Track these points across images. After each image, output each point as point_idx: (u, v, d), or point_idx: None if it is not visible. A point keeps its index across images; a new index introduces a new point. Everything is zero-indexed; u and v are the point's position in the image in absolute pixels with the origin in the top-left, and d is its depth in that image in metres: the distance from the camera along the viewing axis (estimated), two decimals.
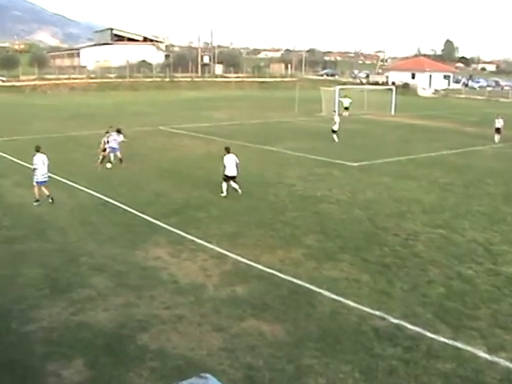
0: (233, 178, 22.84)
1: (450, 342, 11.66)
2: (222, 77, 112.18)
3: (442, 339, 11.76)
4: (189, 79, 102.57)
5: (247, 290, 13.86)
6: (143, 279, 14.46)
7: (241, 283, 14.26)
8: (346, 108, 56.29)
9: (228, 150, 22.95)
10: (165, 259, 15.87)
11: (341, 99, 56.43)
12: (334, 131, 38.74)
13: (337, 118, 39.39)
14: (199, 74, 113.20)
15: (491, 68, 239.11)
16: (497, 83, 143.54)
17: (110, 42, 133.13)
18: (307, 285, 14.28)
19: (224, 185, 22.77)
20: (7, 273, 14.89)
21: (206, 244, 17.16)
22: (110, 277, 14.55)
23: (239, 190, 22.80)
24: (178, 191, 23.59)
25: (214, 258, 16.04)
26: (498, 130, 41.80)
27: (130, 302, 13.12)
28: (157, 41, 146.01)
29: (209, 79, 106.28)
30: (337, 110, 46.45)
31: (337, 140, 38.19)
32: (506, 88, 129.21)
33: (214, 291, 13.79)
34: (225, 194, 22.66)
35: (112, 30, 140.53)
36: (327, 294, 13.78)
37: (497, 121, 42.21)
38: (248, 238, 17.91)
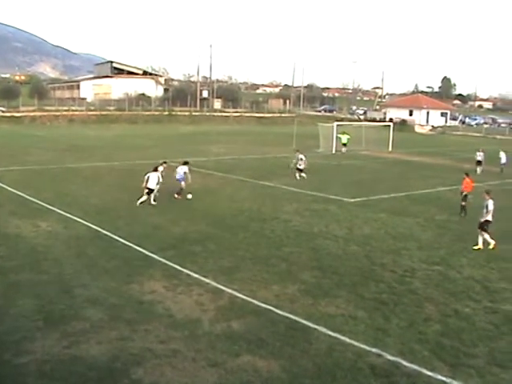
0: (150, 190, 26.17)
1: (448, 379, 11.59)
2: (220, 111, 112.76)
3: (439, 377, 11.68)
4: (187, 113, 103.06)
5: (243, 326, 13.76)
6: (138, 313, 14.35)
7: (236, 318, 14.16)
8: (344, 144, 56.51)
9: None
10: (160, 293, 15.78)
11: (339, 135, 56.74)
12: (299, 169, 37.14)
13: (302, 156, 37.42)
14: (198, 108, 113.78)
15: (488, 105, 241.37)
16: (493, 120, 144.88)
17: (109, 74, 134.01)
18: (303, 321, 14.19)
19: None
20: (1, 303, 14.77)
21: (201, 278, 17.08)
22: (105, 310, 14.44)
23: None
24: (175, 225, 23.55)
25: (209, 293, 15.95)
26: (479, 163, 45.16)
27: (124, 335, 13.00)
28: (156, 75, 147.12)
29: (207, 114, 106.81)
30: (295, 149, 41.65)
31: (299, 178, 37.12)
32: (502, 125, 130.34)
33: (209, 326, 13.68)
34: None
35: (112, 62, 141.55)
36: (323, 330, 13.69)
37: (478, 154, 45.90)
38: (244, 272, 17.83)
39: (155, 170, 27.37)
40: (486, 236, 22.18)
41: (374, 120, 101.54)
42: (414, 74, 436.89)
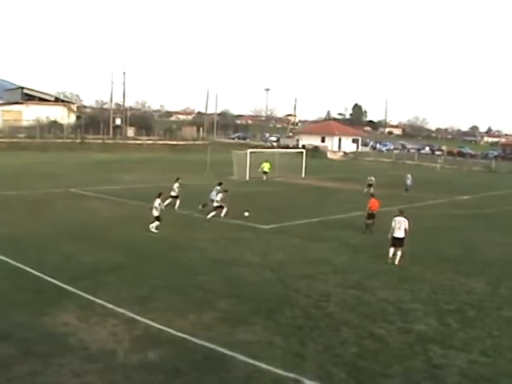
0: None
1: None
2: (133, 139, 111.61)
3: None
4: (100, 141, 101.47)
5: (159, 356, 13.61)
6: (51, 346, 13.97)
7: (152, 348, 13.99)
8: (265, 172, 57.37)
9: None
10: (74, 325, 15.42)
11: (263, 163, 57.57)
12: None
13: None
14: (111, 136, 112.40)
15: (398, 132, 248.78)
16: (403, 146, 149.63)
17: (20, 101, 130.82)
18: (220, 349, 14.16)
19: None
20: None
21: (116, 308, 16.81)
22: (15, 345, 13.95)
23: None
24: (87, 254, 23.09)
25: (124, 323, 15.72)
26: (370, 186, 48.76)
27: (37, 370, 12.61)
28: (68, 101, 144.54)
29: (120, 141, 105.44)
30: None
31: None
32: (411, 151, 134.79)
33: (124, 357, 13.47)
34: None
35: (23, 88, 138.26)
36: (241, 357, 13.69)
37: (369, 178, 50.07)
38: (159, 301, 17.67)
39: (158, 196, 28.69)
40: (399, 252, 23.80)
41: (287, 147, 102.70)
42: (325, 100, 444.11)
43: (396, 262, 23.81)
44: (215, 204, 32.64)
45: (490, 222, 37.43)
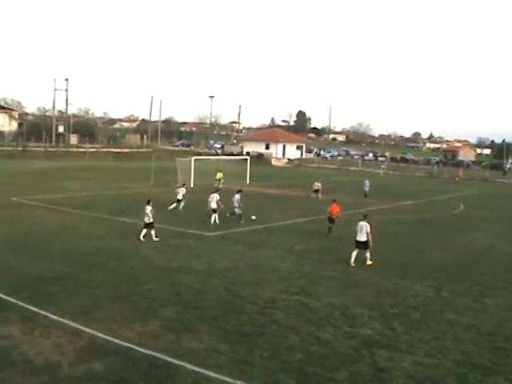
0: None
1: None
2: (76, 147, 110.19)
3: None
4: (42, 149, 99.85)
5: (104, 366, 13.42)
6: None
7: (98, 359, 13.80)
8: (219, 179, 57.51)
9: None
10: (16, 337, 15.08)
11: (217, 173, 57.80)
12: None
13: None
14: (53, 143, 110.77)
15: (341, 138, 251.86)
16: (347, 153, 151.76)
17: None
18: (166, 357, 14.06)
19: None
20: None
21: (60, 319, 16.52)
22: None
23: None
24: (29, 265, 22.65)
25: (68, 334, 15.45)
26: (316, 191, 51.41)
27: None
28: (9, 108, 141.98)
29: (63, 149, 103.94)
30: None
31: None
32: (355, 157, 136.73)
33: (69, 369, 13.24)
34: None
35: None
36: (187, 365, 13.62)
37: (316, 183, 52.15)
38: (104, 311, 17.45)
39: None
40: (368, 254, 24.65)
41: (231, 154, 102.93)
42: (270, 107, 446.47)
43: (367, 263, 24.77)
44: (238, 211, 35.53)
45: (432, 227, 38.11)
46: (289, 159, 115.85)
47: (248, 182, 62.58)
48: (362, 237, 24.69)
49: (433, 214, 45.08)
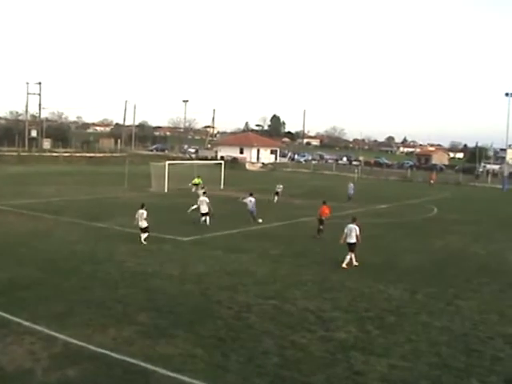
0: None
1: None
2: (50, 151, 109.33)
3: None
4: (15, 153, 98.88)
5: (79, 373, 13.32)
6: None
7: (72, 365, 13.67)
8: (196, 184, 57.22)
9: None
10: None
11: (194, 179, 57.59)
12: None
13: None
14: (26, 148, 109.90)
15: (316, 142, 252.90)
16: (321, 157, 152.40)
17: None
18: (142, 363, 13.98)
19: None
20: None
21: (33, 326, 16.35)
22: None
23: None
24: (1, 271, 22.39)
25: (42, 341, 15.29)
26: (277, 194, 51.92)
27: None
28: None
29: (36, 154, 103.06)
30: None
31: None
32: (329, 161, 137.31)
33: (42, 376, 13.11)
34: None
35: None
36: (163, 371, 13.56)
37: (277, 186, 52.87)
38: (78, 317, 17.30)
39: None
40: (353, 256, 25.26)
41: (205, 158, 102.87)
42: (244, 112, 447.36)
43: (343, 265, 25.15)
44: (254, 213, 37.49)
45: (406, 230, 38.37)
46: (263, 163, 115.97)
47: (222, 186, 62.48)
48: (351, 239, 25.33)
49: (407, 218, 45.39)
